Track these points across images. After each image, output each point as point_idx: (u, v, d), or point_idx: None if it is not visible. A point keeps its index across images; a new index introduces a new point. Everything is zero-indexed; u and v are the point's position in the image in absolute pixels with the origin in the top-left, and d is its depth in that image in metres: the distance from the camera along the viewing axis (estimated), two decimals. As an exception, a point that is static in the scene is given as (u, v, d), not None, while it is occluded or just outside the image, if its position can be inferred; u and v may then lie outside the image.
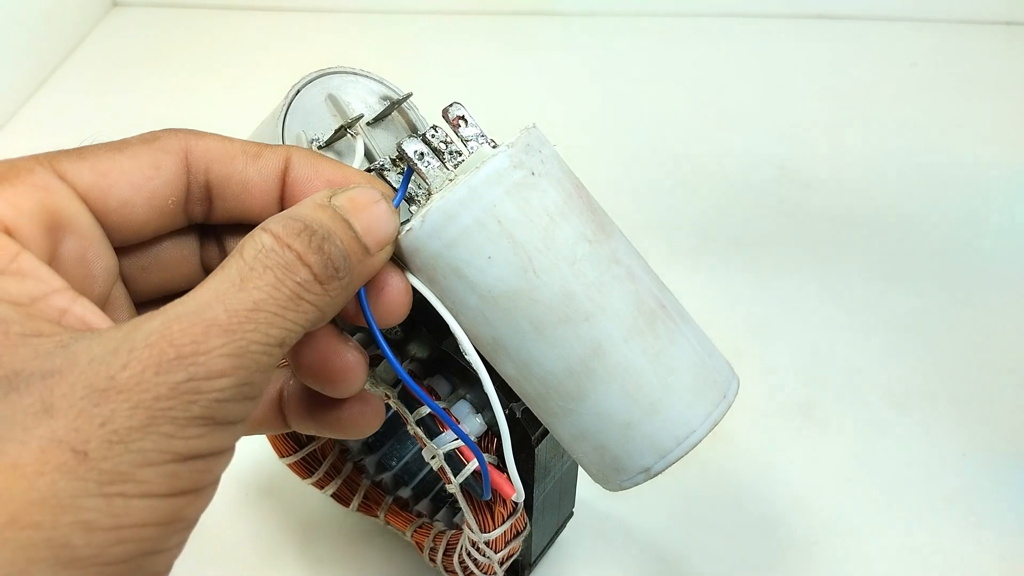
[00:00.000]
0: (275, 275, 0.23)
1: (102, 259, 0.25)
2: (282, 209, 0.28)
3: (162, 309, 0.21)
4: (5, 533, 0.18)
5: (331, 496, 0.47)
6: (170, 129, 0.26)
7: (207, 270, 0.29)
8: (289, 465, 0.45)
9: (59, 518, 0.19)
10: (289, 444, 0.44)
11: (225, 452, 0.22)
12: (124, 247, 0.27)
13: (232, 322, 0.21)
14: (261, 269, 0.22)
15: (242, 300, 0.22)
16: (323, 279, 0.24)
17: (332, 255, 0.24)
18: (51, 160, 0.24)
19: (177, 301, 0.22)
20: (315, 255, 0.24)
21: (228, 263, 0.23)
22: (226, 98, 0.86)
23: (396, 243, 0.28)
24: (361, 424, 0.31)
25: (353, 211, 0.26)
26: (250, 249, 0.23)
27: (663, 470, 0.30)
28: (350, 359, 0.28)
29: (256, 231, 0.24)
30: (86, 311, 0.22)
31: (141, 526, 0.20)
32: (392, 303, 0.28)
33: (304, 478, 0.46)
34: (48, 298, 0.21)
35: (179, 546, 0.22)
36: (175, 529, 0.21)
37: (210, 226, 0.29)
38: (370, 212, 0.26)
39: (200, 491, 0.22)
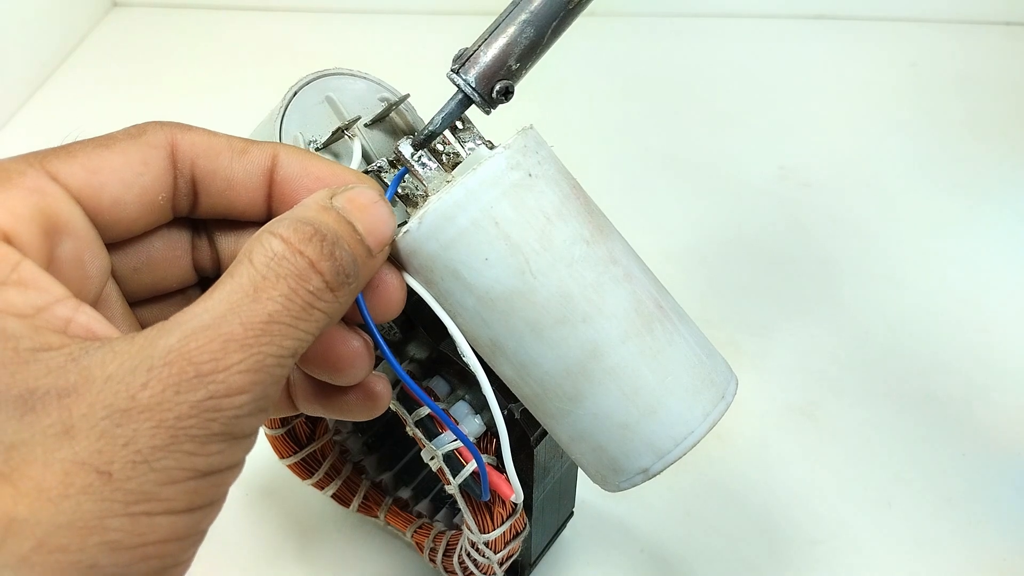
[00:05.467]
0: (288, 285, 0.22)
1: (97, 259, 0.25)
2: (270, 207, 0.28)
3: (175, 322, 0.21)
4: (33, 558, 0.18)
5: (331, 497, 0.47)
6: (156, 122, 0.26)
7: (198, 268, 0.29)
8: (289, 466, 0.45)
9: (86, 540, 0.19)
10: (289, 445, 0.44)
11: (239, 464, 0.22)
12: (115, 248, 0.27)
13: (248, 336, 0.21)
14: (274, 278, 0.22)
15: (257, 312, 0.22)
16: (334, 286, 0.24)
17: (343, 261, 0.24)
18: (42, 160, 0.24)
19: (189, 312, 0.21)
20: (327, 262, 0.23)
21: (237, 269, 0.22)
22: (225, 98, 0.86)
23: (393, 244, 0.28)
24: (369, 406, 0.31)
25: (355, 212, 0.25)
26: (260, 255, 0.23)
27: (662, 471, 0.30)
28: (355, 347, 0.28)
29: (264, 235, 0.23)
30: (90, 320, 0.22)
31: (164, 542, 0.20)
32: (387, 300, 0.28)
33: (304, 479, 0.46)
34: (52, 308, 0.21)
35: (192, 558, 0.22)
36: (193, 542, 0.21)
37: (201, 225, 0.29)
38: (371, 213, 0.26)
39: (215, 504, 0.22)
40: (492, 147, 0.30)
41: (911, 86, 0.86)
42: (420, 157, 0.30)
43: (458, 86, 0.29)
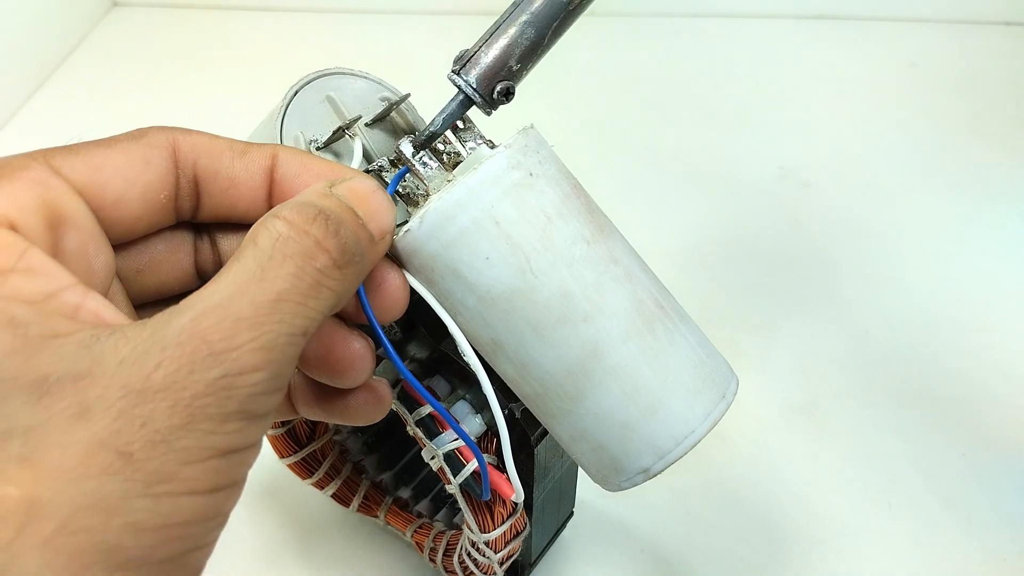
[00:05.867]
0: (296, 263, 0.22)
1: (102, 254, 0.25)
2: (270, 207, 0.28)
3: (185, 304, 0.21)
4: (56, 540, 0.18)
5: (331, 496, 0.47)
6: (156, 126, 0.26)
7: (200, 272, 0.29)
8: (289, 466, 0.45)
9: (109, 521, 0.19)
10: (289, 445, 0.44)
11: (257, 444, 0.22)
12: (118, 250, 0.27)
13: (259, 315, 0.21)
14: (280, 258, 0.22)
15: (265, 291, 0.22)
16: (341, 264, 0.24)
17: (347, 239, 0.24)
18: (45, 156, 0.24)
19: (197, 295, 0.21)
20: (333, 240, 0.23)
21: (243, 253, 0.23)
22: (226, 98, 0.86)
23: (393, 244, 0.28)
24: (369, 411, 0.31)
25: (355, 199, 0.26)
26: (265, 237, 0.23)
27: (662, 470, 0.30)
28: (356, 348, 0.28)
29: (268, 219, 0.23)
30: (99, 306, 0.22)
31: (187, 523, 0.20)
32: (391, 298, 0.28)
33: (304, 478, 0.46)
34: (60, 294, 0.21)
35: (215, 542, 0.22)
36: (216, 524, 0.21)
37: (203, 229, 0.29)
38: (371, 201, 0.26)
39: (236, 485, 0.22)
40: (493, 146, 0.30)
41: (911, 86, 0.86)
42: (421, 156, 0.30)
43: (459, 87, 0.29)
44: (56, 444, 0.19)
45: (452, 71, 0.29)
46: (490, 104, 0.30)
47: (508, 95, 0.29)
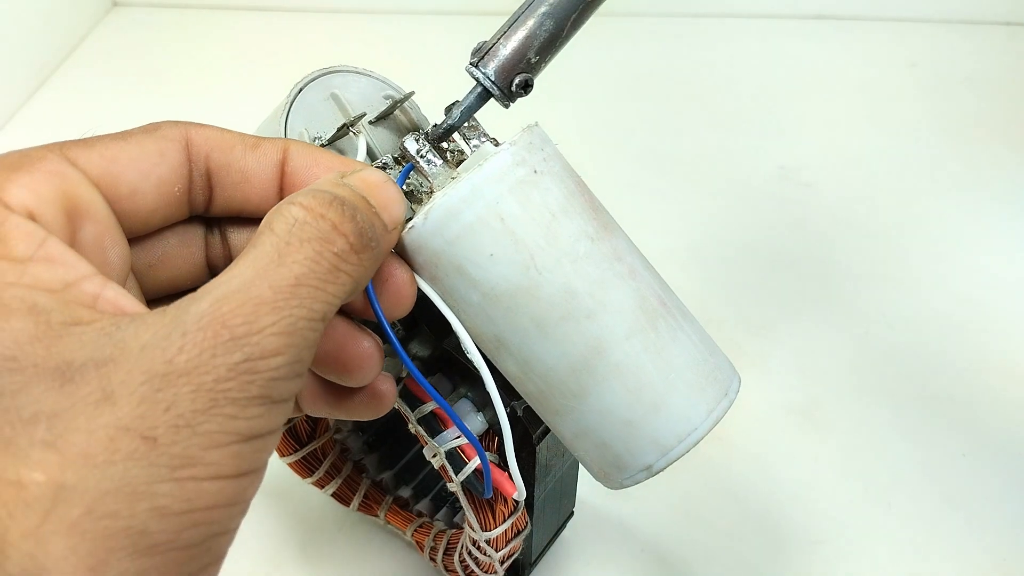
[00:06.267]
0: (313, 248, 0.22)
1: (118, 246, 0.25)
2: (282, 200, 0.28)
3: (204, 290, 0.21)
4: (83, 524, 0.18)
5: (331, 496, 0.47)
6: (169, 120, 0.27)
7: (211, 267, 0.29)
8: (289, 464, 0.45)
9: (135, 506, 0.19)
10: (290, 443, 0.44)
11: (278, 431, 0.22)
12: (132, 242, 0.27)
13: (278, 299, 0.21)
14: (298, 242, 0.22)
15: (284, 276, 0.22)
16: (358, 248, 0.24)
17: (363, 224, 0.24)
18: (61, 148, 0.24)
19: (216, 281, 0.21)
20: (350, 224, 0.24)
21: (259, 239, 0.23)
22: (226, 98, 0.86)
23: (399, 240, 0.28)
24: (374, 406, 0.31)
25: (367, 189, 0.26)
26: (281, 223, 0.23)
27: (665, 468, 0.30)
28: (366, 348, 0.28)
29: (283, 205, 0.24)
30: (118, 295, 0.22)
31: (211, 508, 0.20)
32: (398, 294, 0.28)
33: (304, 477, 0.46)
34: (80, 284, 0.21)
35: (238, 528, 0.22)
36: (240, 510, 0.21)
37: (214, 223, 0.29)
38: (382, 191, 0.26)
39: (258, 471, 0.22)
40: (497, 144, 0.30)
41: (911, 86, 0.86)
42: (425, 154, 0.30)
43: (477, 79, 0.29)
44: (81, 429, 0.19)
45: (470, 63, 0.29)
46: (508, 97, 0.29)
47: (527, 88, 0.29)
